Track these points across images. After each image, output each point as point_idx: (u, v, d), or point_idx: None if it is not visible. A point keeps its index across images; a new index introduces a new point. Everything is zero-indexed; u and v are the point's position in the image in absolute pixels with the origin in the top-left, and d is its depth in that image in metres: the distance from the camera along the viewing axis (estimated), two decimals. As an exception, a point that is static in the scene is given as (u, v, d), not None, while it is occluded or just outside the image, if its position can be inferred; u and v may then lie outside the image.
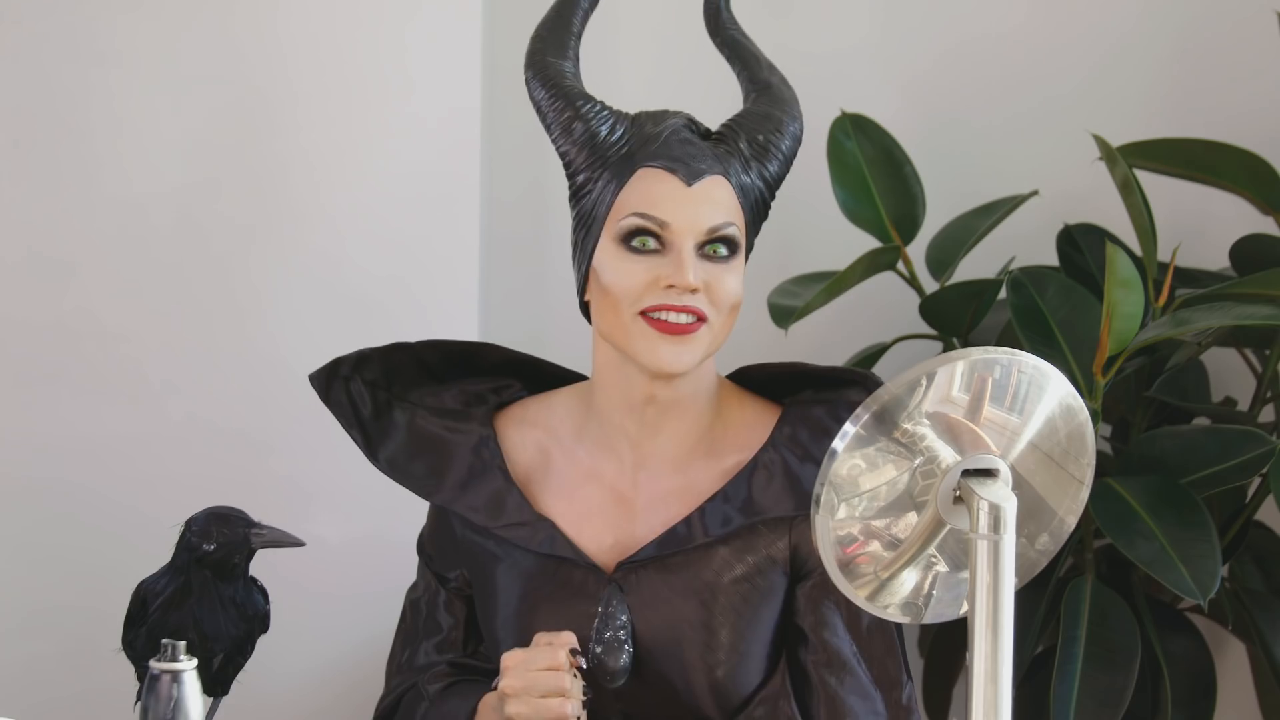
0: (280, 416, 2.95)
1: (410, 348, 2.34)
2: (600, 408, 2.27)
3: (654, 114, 2.25)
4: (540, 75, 2.25)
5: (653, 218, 2.17)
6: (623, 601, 2.22)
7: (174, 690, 2.00)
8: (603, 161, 2.21)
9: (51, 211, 2.95)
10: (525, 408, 2.34)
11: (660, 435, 2.25)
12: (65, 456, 2.95)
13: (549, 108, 2.24)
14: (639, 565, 2.23)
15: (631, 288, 2.17)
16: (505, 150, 3.08)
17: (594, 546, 2.25)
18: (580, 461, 2.28)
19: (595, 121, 2.21)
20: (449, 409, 2.33)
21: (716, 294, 2.17)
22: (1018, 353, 1.77)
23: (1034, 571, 1.86)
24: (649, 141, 2.20)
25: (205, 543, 2.20)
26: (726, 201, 2.19)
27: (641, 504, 2.26)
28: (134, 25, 2.95)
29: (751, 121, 2.24)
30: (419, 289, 2.97)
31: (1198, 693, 2.87)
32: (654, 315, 2.17)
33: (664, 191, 2.18)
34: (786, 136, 2.24)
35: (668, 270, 2.16)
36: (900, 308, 3.07)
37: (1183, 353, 2.93)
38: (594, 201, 2.21)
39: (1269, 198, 2.92)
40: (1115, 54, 3.15)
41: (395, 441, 2.32)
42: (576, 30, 2.30)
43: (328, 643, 2.97)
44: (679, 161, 2.19)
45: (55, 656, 2.94)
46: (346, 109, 2.96)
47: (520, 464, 2.30)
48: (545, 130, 2.25)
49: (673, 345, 2.17)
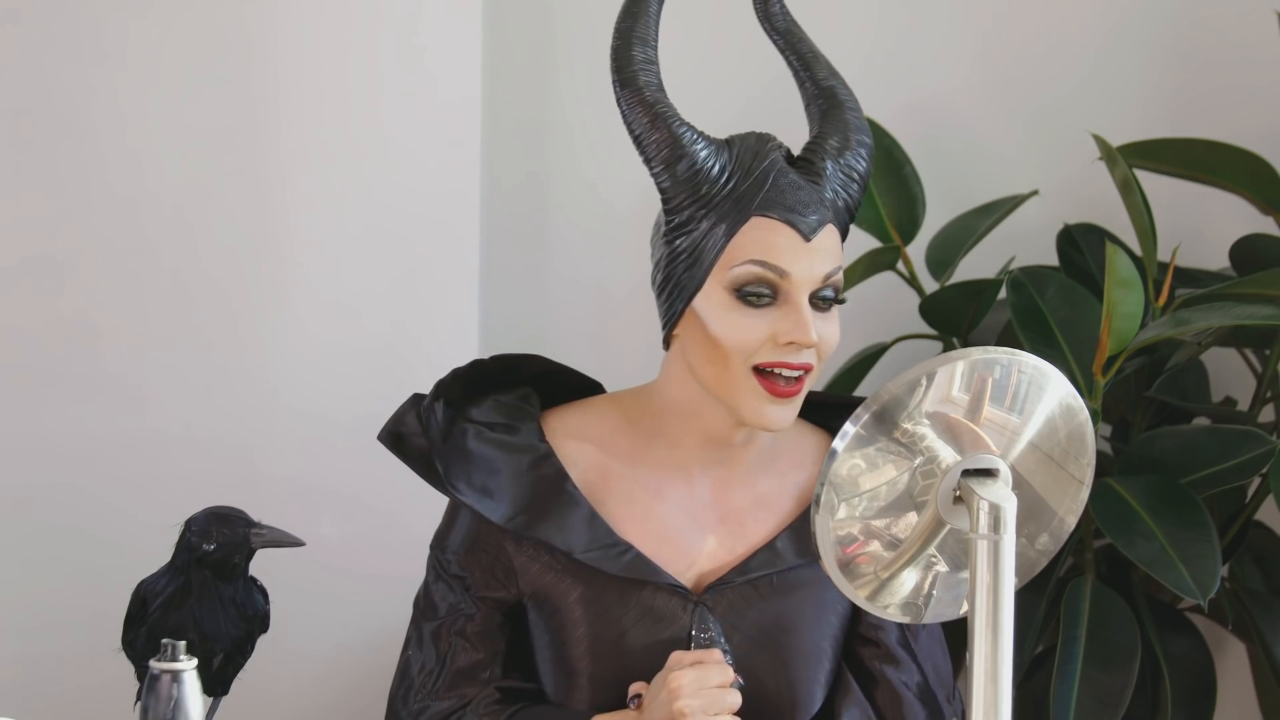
0: (280, 415, 2.95)
1: (484, 364, 2.27)
2: (672, 435, 2.21)
3: (750, 144, 2.17)
4: (636, 96, 2.16)
5: (774, 266, 2.11)
6: (717, 624, 2.19)
7: (174, 690, 2.00)
8: (708, 202, 2.13)
9: (50, 212, 2.95)
10: (564, 418, 2.26)
11: (733, 462, 2.21)
12: (65, 457, 2.94)
13: (649, 139, 2.15)
14: (727, 585, 2.20)
15: (747, 342, 2.12)
16: (505, 146, 3.08)
17: (675, 568, 2.20)
18: (644, 481, 2.22)
19: (698, 157, 2.13)
20: (497, 422, 2.25)
21: (824, 345, 2.13)
22: (1018, 353, 1.77)
23: (1034, 571, 1.86)
24: (757, 184, 2.13)
25: (205, 543, 2.20)
26: (835, 248, 2.15)
27: (716, 523, 2.22)
28: (134, 25, 2.94)
29: (833, 146, 2.18)
30: (419, 287, 2.97)
31: (1198, 693, 2.87)
32: (767, 372, 2.12)
33: (783, 244, 2.12)
34: (865, 158, 2.19)
35: (786, 325, 2.10)
36: (900, 308, 3.07)
37: (1183, 353, 2.93)
38: (698, 243, 2.14)
39: (1269, 198, 2.93)
40: (1115, 54, 3.15)
41: (464, 464, 2.22)
42: (655, 13, 2.19)
43: (328, 643, 2.97)
44: (794, 212, 2.12)
45: (55, 656, 2.94)
46: (346, 107, 2.96)
47: (578, 477, 2.22)
48: (639, 153, 2.17)
49: (781, 407, 2.12)
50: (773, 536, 2.21)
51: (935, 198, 3.06)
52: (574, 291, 3.11)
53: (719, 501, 2.22)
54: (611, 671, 2.18)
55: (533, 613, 2.22)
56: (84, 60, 2.94)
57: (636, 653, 2.18)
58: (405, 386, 2.75)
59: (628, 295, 3.08)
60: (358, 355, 2.95)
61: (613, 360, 2.67)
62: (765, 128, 2.25)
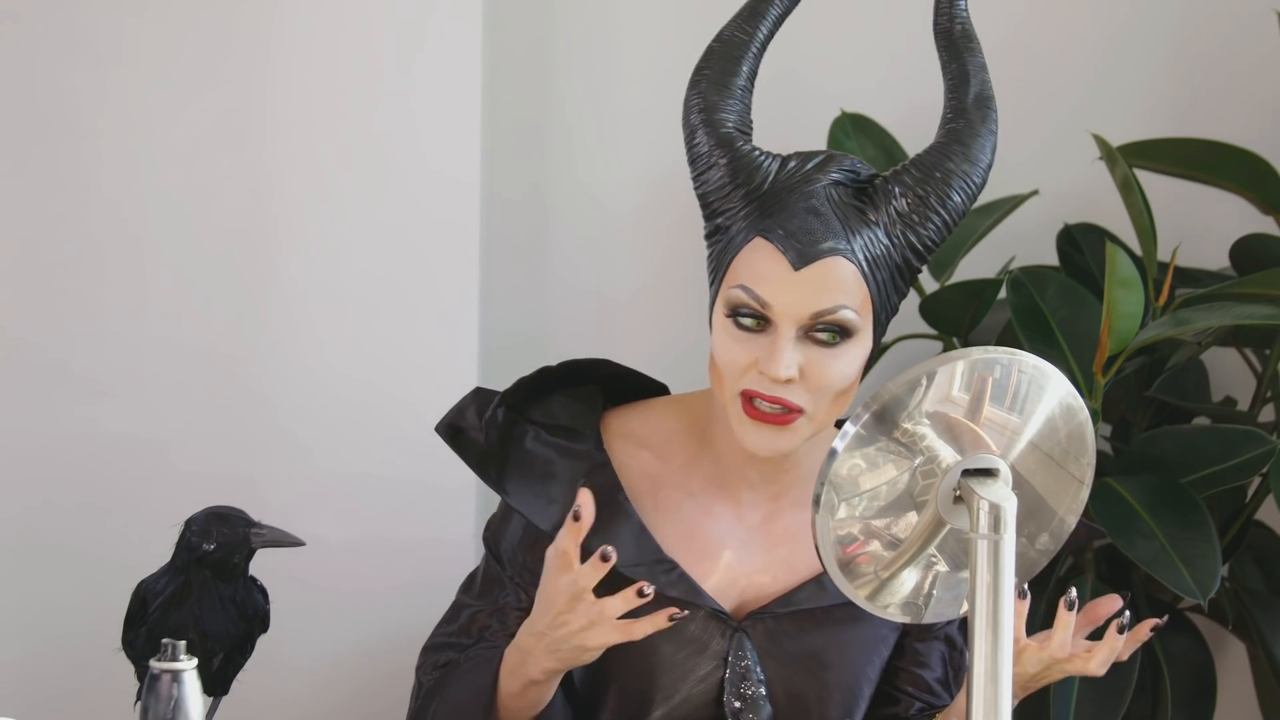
0: (280, 415, 2.95)
1: (553, 370, 2.22)
2: (719, 449, 2.17)
3: (805, 161, 2.09)
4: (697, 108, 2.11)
5: (755, 295, 2.05)
6: (754, 653, 2.16)
7: (174, 690, 2.00)
8: (733, 211, 2.08)
9: (50, 211, 2.95)
10: (625, 420, 2.22)
11: (781, 482, 2.17)
12: (65, 456, 2.94)
13: (694, 143, 2.10)
14: (770, 615, 2.17)
15: (732, 366, 2.07)
16: (505, 148, 3.08)
17: (718, 590, 2.16)
18: (694, 494, 2.18)
19: (738, 167, 2.07)
20: (560, 425, 2.20)
21: (815, 382, 2.05)
22: (1018, 352, 1.77)
23: (1034, 571, 1.86)
24: (778, 203, 2.06)
25: (205, 542, 2.20)
26: (842, 283, 2.05)
27: (764, 548, 2.18)
28: (134, 25, 2.94)
29: (921, 172, 2.08)
30: (419, 289, 2.97)
31: (1198, 693, 2.87)
32: (750, 400, 2.06)
33: (769, 270, 2.05)
34: (955, 193, 2.08)
35: (763, 355, 2.05)
36: (900, 307, 3.06)
37: (1183, 353, 2.93)
38: (717, 256, 2.10)
39: (1269, 198, 2.93)
40: (1115, 54, 3.15)
41: (520, 468, 2.18)
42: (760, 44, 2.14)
43: (328, 643, 2.97)
44: (793, 238, 2.04)
45: (55, 656, 2.94)
46: (346, 109, 2.96)
47: (629, 485, 2.17)
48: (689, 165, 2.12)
49: (764, 433, 2.07)
50: (814, 574, 2.18)
51: (935, 198, 3.06)
52: (574, 296, 3.10)
53: (768, 527, 2.18)
54: (640, 686, 2.16)
55: None
56: (84, 60, 2.94)
57: (668, 671, 2.16)
58: (404, 388, 2.76)
59: (628, 300, 3.08)
60: (358, 356, 2.95)
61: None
62: (765, 128, 2.25)
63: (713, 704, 2.16)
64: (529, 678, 2.09)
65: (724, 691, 2.15)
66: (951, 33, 2.17)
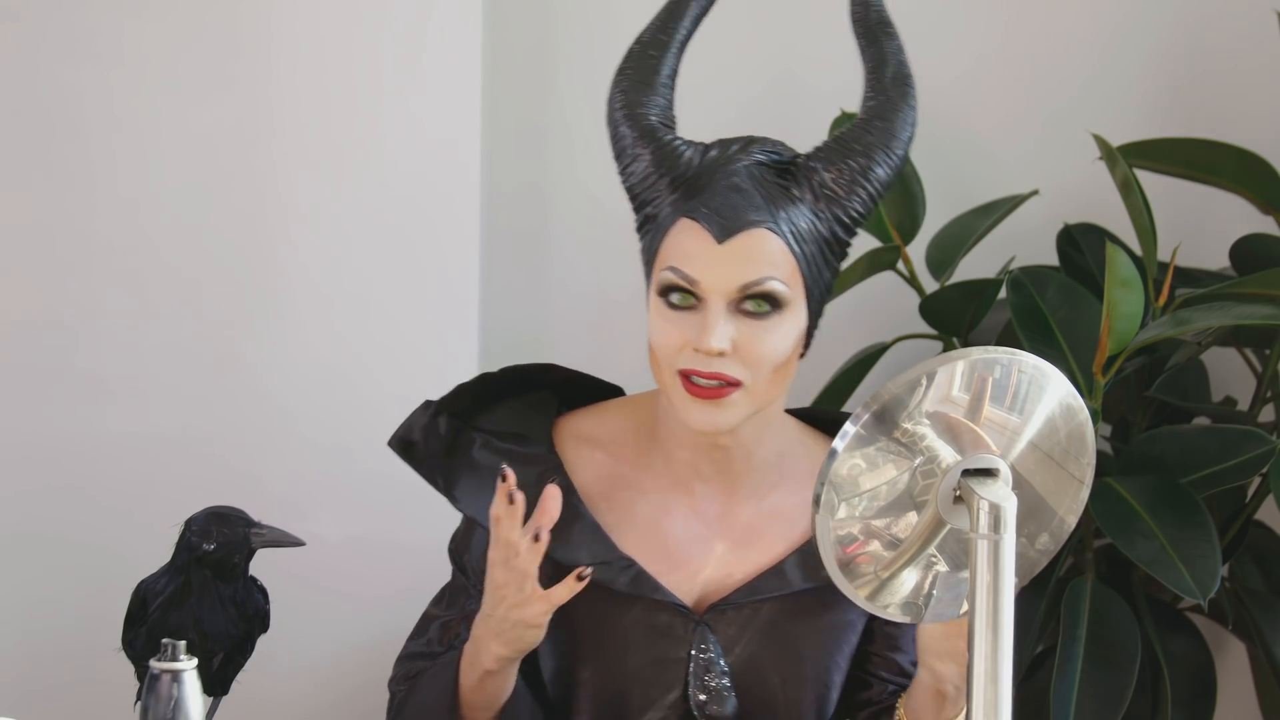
0: (280, 416, 2.95)
1: (494, 376, 2.25)
2: (667, 443, 2.19)
3: (728, 146, 2.13)
4: (620, 104, 2.15)
5: (683, 274, 2.08)
6: (717, 645, 2.17)
7: (174, 690, 2.00)
8: (659, 200, 2.12)
9: (51, 211, 2.95)
10: (577, 423, 2.24)
11: (732, 472, 2.18)
12: (65, 456, 2.94)
13: (616, 138, 2.15)
14: (730, 606, 2.18)
15: (668, 347, 2.09)
16: (505, 148, 3.08)
17: (678, 585, 2.18)
18: (648, 493, 2.20)
19: (662, 157, 2.12)
20: (510, 432, 2.22)
21: (749, 354, 2.08)
22: (1018, 352, 1.77)
23: (1034, 571, 1.86)
24: (700, 185, 2.10)
25: (205, 542, 2.20)
26: (769, 253, 2.08)
27: (720, 540, 2.19)
28: (134, 25, 2.94)
29: (840, 152, 2.12)
30: (419, 289, 2.97)
31: (1198, 693, 2.87)
32: (689, 378, 2.08)
33: (696, 247, 2.08)
34: (877, 166, 2.12)
35: (695, 331, 2.08)
36: (900, 308, 3.07)
37: (1183, 353, 2.93)
38: (648, 245, 2.14)
39: (1269, 198, 2.93)
40: (1115, 54, 3.15)
41: (469, 476, 2.21)
42: (679, 44, 2.19)
43: (328, 643, 2.97)
44: (715, 214, 2.08)
45: (55, 656, 2.94)
46: (346, 108, 2.96)
47: (583, 486, 2.19)
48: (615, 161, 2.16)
49: (704, 409, 2.08)
50: (781, 558, 2.19)
51: (935, 198, 3.06)
52: (574, 297, 3.10)
53: (726, 517, 2.20)
54: (613, 686, 2.17)
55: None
56: (86, 60, 2.94)
57: (636, 668, 2.17)
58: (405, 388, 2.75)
59: (628, 300, 3.07)
60: (358, 357, 2.95)
61: (612, 366, 2.66)
62: (764, 128, 2.25)
63: (679, 698, 2.17)
64: (483, 667, 2.11)
65: (689, 685, 2.16)
66: (868, 19, 2.22)
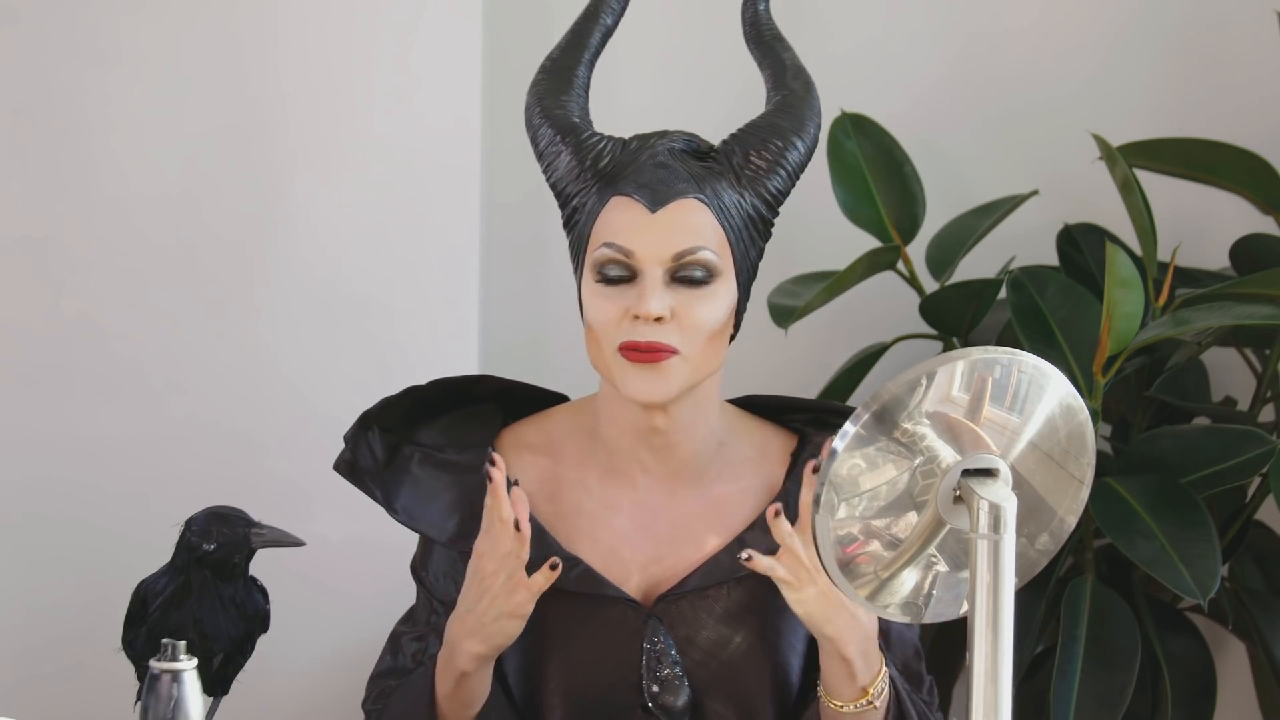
0: (280, 416, 2.95)
1: (422, 389, 2.27)
2: (607, 437, 2.21)
3: (647, 136, 2.18)
4: (535, 109, 2.21)
5: (618, 246, 2.12)
6: (668, 636, 2.18)
7: (174, 690, 2.00)
8: (583, 193, 2.16)
9: (51, 211, 2.95)
10: (520, 432, 2.27)
11: (673, 461, 2.20)
12: (65, 456, 2.95)
13: (537, 138, 2.20)
14: (678, 596, 2.19)
15: (606, 322, 2.13)
16: (506, 151, 3.08)
17: (625, 579, 2.20)
18: (592, 490, 2.22)
19: (583, 151, 2.16)
20: (448, 444, 2.25)
21: (686, 322, 2.11)
22: (1018, 352, 1.77)
23: (1034, 571, 1.86)
24: (625, 168, 2.15)
25: (205, 542, 2.20)
26: (699, 224, 2.12)
27: (666, 531, 2.21)
28: (131, 24, 2.94)
29: (755, 135, 2.17)
30: (419, 290, 2.97)
31: (1198, 693, 2.87)
32: (628, 350, 2.11)
33: (629, 219, 2.12)
34: (791, 149, 2.17)
35: (634, 301, 2.11)
36: (900, 307, 3.07)
37: (1183, 353, 2.93)
38: (577, 235, 2.17)
39: (1269, 198, 2.93)
40: (1115, 54, 3.15)
41: (407, 487, 2.24)
42: (588, 60, 2.24)
43: (328, 643, 2.97)
44: (645, 187, 2.12)
45: (55, 656, 2.94)
46: (346, 110, 2.96)
47: (527, 491, 2.20)
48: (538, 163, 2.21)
49: (643, 375, 2.11)
50: (725, 546, 2.20)
51: (935, 198, 3.06)
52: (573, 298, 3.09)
53: (669, 508, 2.21)
54: (575, 682, 2.18)
55: None
56: (84, 60, 2.94)
57: (593, 664, 2.18)
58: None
59: (628, 296, 3.07)
60: (357, 357, 2.95)
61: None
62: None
63: (633, 691, 2.18)
64: (459, 669, 2.12)
65: (643, 677, 2.17)
66: (761, 38, 2.27)
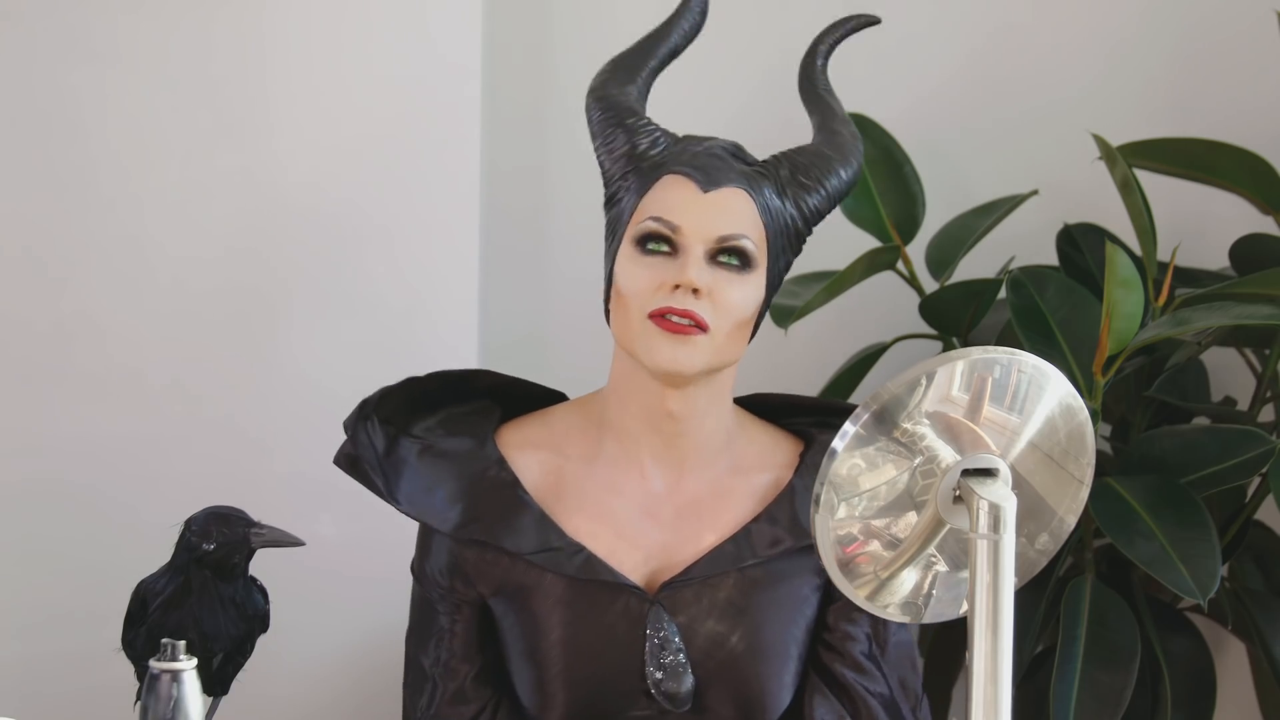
0: (280, 416, 2.95)
1: (421, 381, 2.30)
2: (617, 422, 2.23)
3: (698, 137, 2.25)
4: (596, 94, 2.28)
5: (666, 221, 2.17)
6: (672, 623, 2.20)
7: (174, 690, 2.00)
8: (635, 171, 2.21)
9: (50, 211, 2.95)
10: (521, 430, 2.29)
11: (682, 448, 2.22)
12: (65, 456, 2.94)
13: (596, 120, 2.27)
14: (683, 584, 2.21)
15: (642, 290, 2.16)
16: (505, 147, 3.08)
17: (630, 567, 2.22)
18: (599, 479, 2.24)
19: (638, 136, 2.23)
20: (447, 436, 2.28)
21: (720, 301, 2.16)
22: (1018, 352, 1.77)
23: (1034, 571, 1.86)
24: (679, 156, 2.21)
25: (205, 542, 2.20)
26: (744, 214, 2.19)
27: (672, 519, 2.23)
28: (129, 22, 2.94)
29: (803, 155, 2.25)
30: (419, 288, 2.97)
31: (1198, 693, 2.87)
32: (662, 316, 2.15)
33: (680, 197, 2.18)
34: (834, 176, 2.24)
35: (675, 272, 2.15)
36: (900, 307, 3.07)
37: (1183, 352, 2.93)
38: (621, 209, 2.22)
39: (1269, 198, 2.93)
40: (1115, 54, 3.15)
41: (409, 478, 2.27)
42: (652, 68, 2.32)
43: (328, 642, 2.97)
44: (700, 169, 2.19)
45: (55, 656, 2.94)
46: (345, 100, 2.96)
47: (530, 482, 2.24)
48: (591, 144, 2.27)
49: (671, 344, 2.14)
50: (732, 534, 2.22)
51: (935, 198, 3.06)
52: (573, 293, 3.10)
53: (675, 495, 2.23)
54: (581, 669, 2.20)
55: (502, 617, 2.25)
56: (82, 59, 2.94)
57: (596, 651, 2.20)
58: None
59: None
60: (357, 354, 2.95)
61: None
62: (763, 127, 2.26)
63: (636, 677, 2.19)
64: None
65: (646, 664, 2.19)
66: (815, 88, 2.36)
